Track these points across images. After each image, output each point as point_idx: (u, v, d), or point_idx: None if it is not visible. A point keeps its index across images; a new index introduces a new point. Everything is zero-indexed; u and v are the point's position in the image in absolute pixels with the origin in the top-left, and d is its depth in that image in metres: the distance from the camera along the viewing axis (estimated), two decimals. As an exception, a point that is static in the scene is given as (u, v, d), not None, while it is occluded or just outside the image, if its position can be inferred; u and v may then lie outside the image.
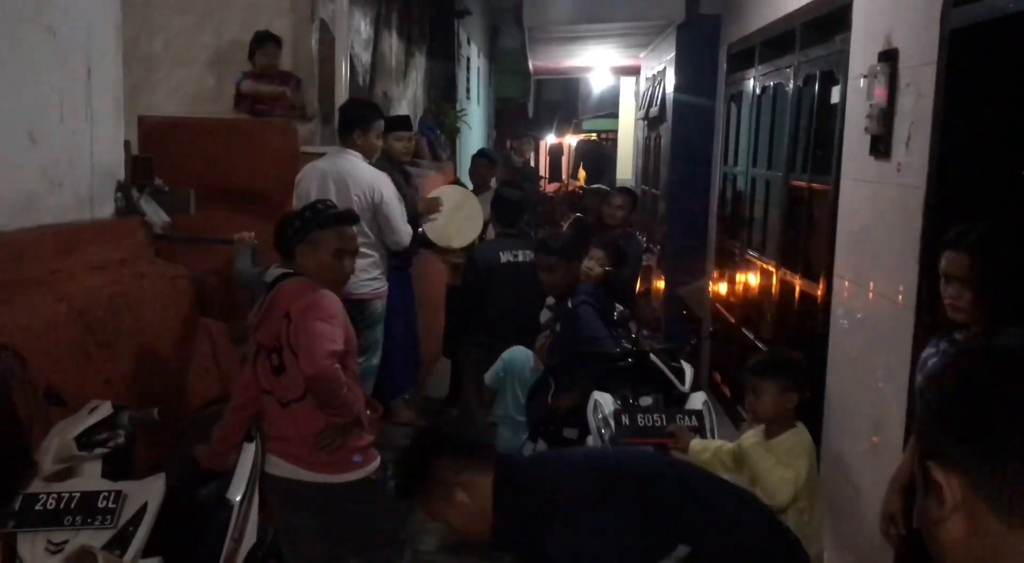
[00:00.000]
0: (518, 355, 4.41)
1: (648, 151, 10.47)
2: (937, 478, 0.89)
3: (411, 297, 5.57)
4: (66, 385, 3.12)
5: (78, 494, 2.41)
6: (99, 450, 2.54)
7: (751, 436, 3.17)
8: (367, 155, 4.79)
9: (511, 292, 4.82)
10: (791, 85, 4.82)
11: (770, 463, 3.03)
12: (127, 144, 4.30)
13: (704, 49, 7.15)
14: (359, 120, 4.80)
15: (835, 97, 4.12)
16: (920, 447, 0.94)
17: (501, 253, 4.99)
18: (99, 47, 3.93)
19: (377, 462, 3.29)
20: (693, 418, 3.47)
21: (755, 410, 3.12)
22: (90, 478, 2.53)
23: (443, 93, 11.50)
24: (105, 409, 2.64)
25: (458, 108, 11.60)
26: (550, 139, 24.27)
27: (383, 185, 4.63)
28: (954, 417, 0.90)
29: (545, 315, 4.51)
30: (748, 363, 3.25)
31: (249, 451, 3.28)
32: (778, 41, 5.16)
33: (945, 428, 0.90)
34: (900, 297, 3.21)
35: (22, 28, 3.38)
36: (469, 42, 13.42)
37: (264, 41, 5.76)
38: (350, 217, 3.31)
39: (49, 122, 3.57)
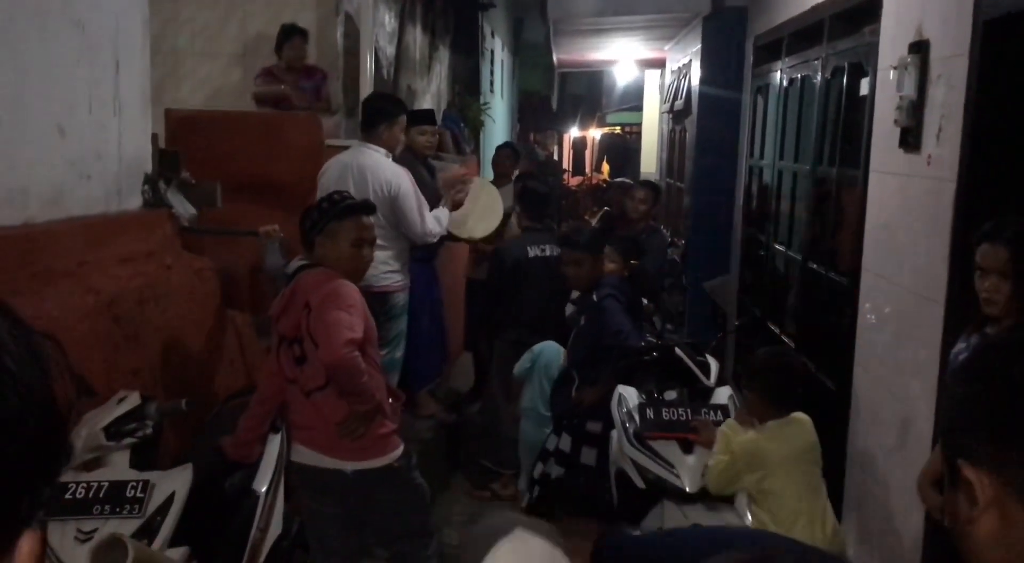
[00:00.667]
0: (548, 349, 4.41)
1: (673, 144, 10.41)
2: (968, 477, 0.86)
3: (437, 289, 5.57)
4: (94, 376, 3.15)
5: (107, 483, 2.43)
6: (127, 440, 2.56)
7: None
8: (390, 149, 4.80)
9: (539, 287, 4.82)
10: (819, 77, 4.77)
11: (719, 447, 3.24)
12: (154, 137, 4.33)
13: (730, 41, 7.09)
14: (383, 114, 4.81)
15: (864, 89, 4.08)
16: (948, 444, 0.91)
17: (529, 248, 4.99)
18: (127, 40, 3.96)
19: (400, 450, 3.30)
20: (719, 413, 3.45)
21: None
22: (118, 468, 2.56)
23: (467, 86, 11.50)
24: (133, 399, 2.66)
25: (482, 101, 11.60)
26: (573, 132, 24.20)
27: (401, 179, 4.64)
28: (985, 413, 0.87)
29: (570, 309, 4.50)
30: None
31: (275, 442, 3.31)
32: (806, 33, 5.11)
33: (976, 425, 0.87)
34: (930, 291, 3.17)
35: (51, 22, 3.40)
36: (493, 35, 13.41)
37: (291, 34, 5.78)
38: (367, 207, 3.34)
39: (78, 115, 3.60)
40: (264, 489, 3.10)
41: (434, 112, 6.66)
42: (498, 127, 13.86)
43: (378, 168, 4.66)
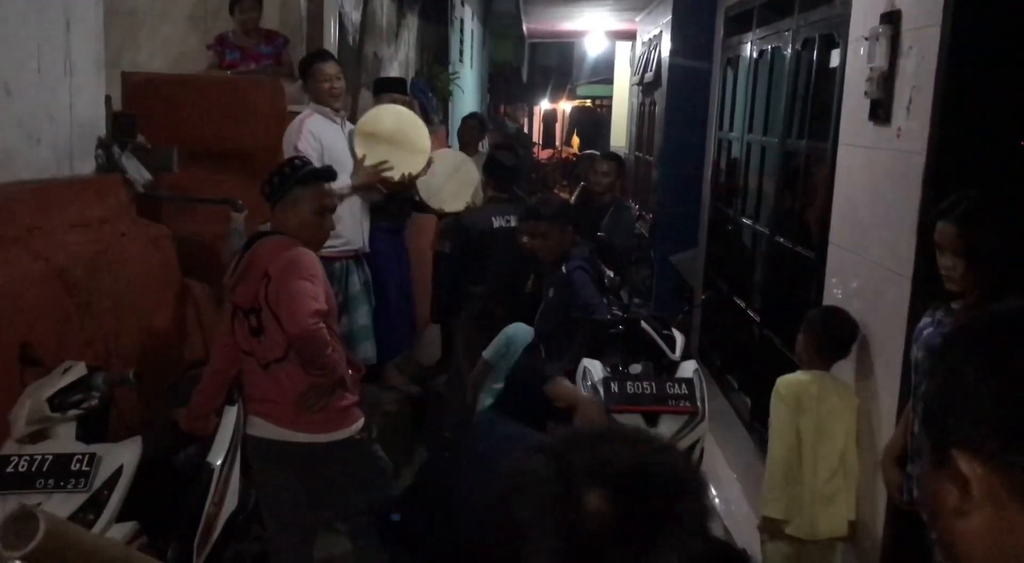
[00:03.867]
0: (520, 332, 4.33)
1: (643, 117, 10.35)
2: (962, 468, 0.78)
3: (406, 261, 5.49)
4: (44, 346, 3.05)
5: (51, 457, 2.35)
6: (73, 412, 2.48)
7: None
8: (316, 100, 4.79)
9: (505, 258, 4.73)
10: (789, 49, 4.72)
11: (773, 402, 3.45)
12: (108, 100, 4.19)
13: (701, 12, 7.02)
14: (301, 67, 4.87)
15: (834, 61, 4.03)
16: (937, 427, 0.83)
17: (494, 218, 4.90)
18: (78, -1, 3.81)
19: (361, 422, 3.24)
20: (683, 386, 3.42)
21: None
22: (64, 440, 2.47)
23: (436, 56, 11.33)
24: (79, 370, 2.57)
25: (451, 71, 11.44)
26: (544, 105, 24.05)
27: (294, 137, 4.59)
28: (994, 405, 0.78)
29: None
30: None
31: (231, 414, 3.23)
32: (777, 3, 5.05)
33: (980, 415, 0.79)
34: (897, 266, 3.15)
35: (-4, -24, 3.26)
36: (463, 4, 13.21)
37: None
38: (329, 173, 3.25)
39: (26, 75, 3.46)
40: (219, 462, 3.03)
41: (405, 81, 6.53)
42: (467, 97, 13.70)
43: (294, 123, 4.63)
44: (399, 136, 4.92)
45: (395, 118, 5.02)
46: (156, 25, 6.08)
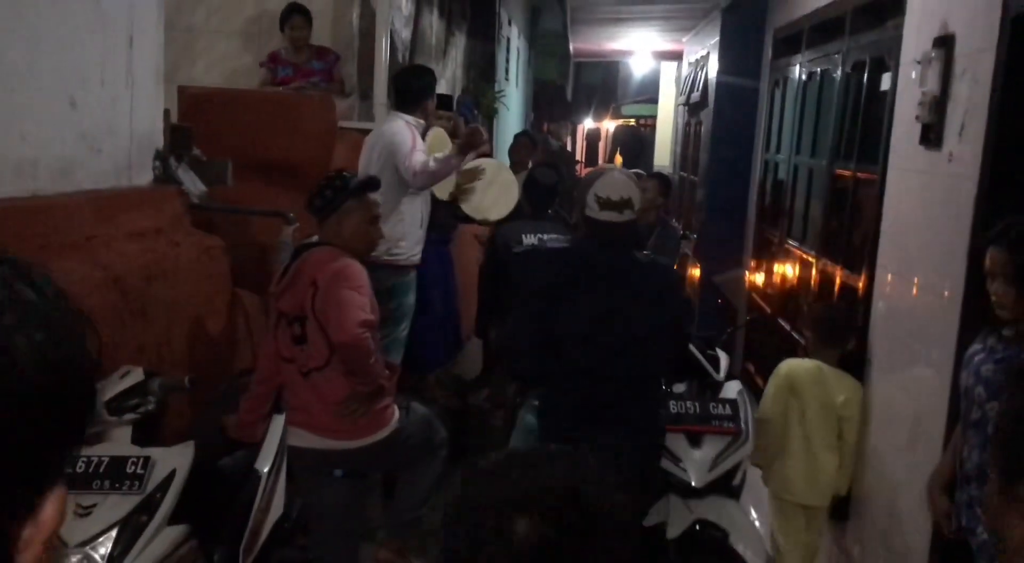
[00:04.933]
0: None
1: (688, 137, 10.34)
2: None
3: (452, 273, 5.53)
4: (102, 351, 3.13)
5: (107, 458, 2.41)
6: (129, 415, 2.54)
7: None
8: (425, 119, 4.82)
9: None
10: (839, 71, 4.71)
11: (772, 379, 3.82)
12: (166, 113, 4.30)
13: (749, 33, 7.02)
14: (428, 89, 4.86)
15: (885, 84, 4.01)
16: (1011, 460, 0.82)
17: (524, 235, 4.91)
18: (141, 14, 3.93)
19: (397, 416, 3.29)
20: (727, 406, 3.41)
21: None
22: (120, 443, 2.54)
23: (482, 73, 11.42)
24: (136, 375, 2.64)
25: (496, 89, 11.52)
26: (588, 123, 24.08)
27: (402, 129, 4.61)
28: None
29: None
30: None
31: (278, 422, 3.28)
32: (827, 26, 5.04)
33: None
34: (946, 292, 3.12)
35: (65, -7, 3.37)
36: (510, 23, 13.32)
37: (290, 14, 5.75)
38: (374, 183, 3.35)
39: (90, 88, 3.57)
40: (266, 470, 3.08)
41: (451, 98, 6.61)
42: (512, 115, 13.78)
43: (394, 131, 4.64)
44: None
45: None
46: (212, 41, 6.22)
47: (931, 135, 3.29)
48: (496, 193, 5.33)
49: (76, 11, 3.44)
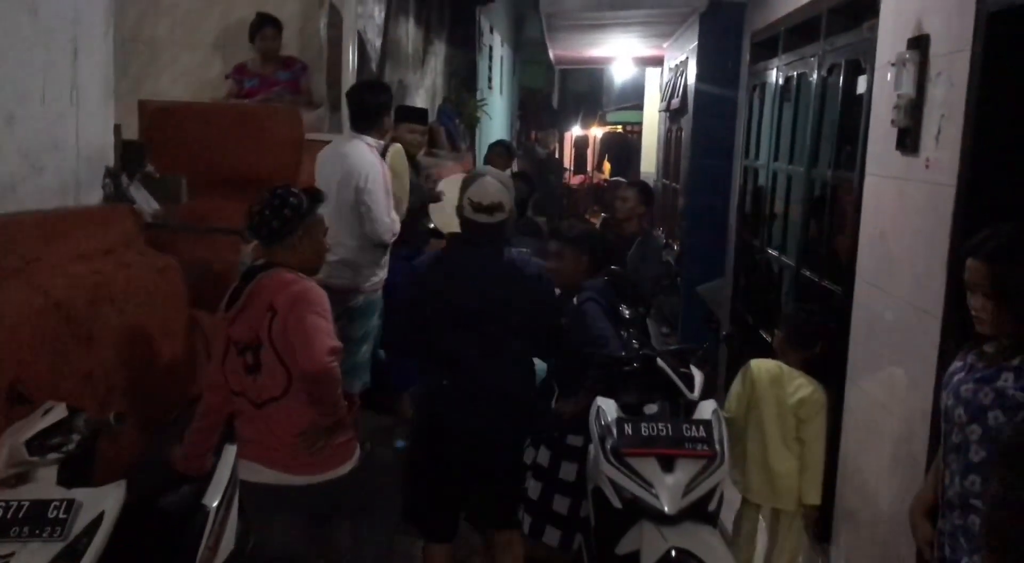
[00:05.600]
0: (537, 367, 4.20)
1: (669, 144, 10.22)
2: None
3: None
4: (39, 381, 2.95)
5: (27, 503, 2.24)
6: (52, 455, 2.37)
7: None
8: (382, 138, 4.73)
9: None
10: (815, 75, 4.57)
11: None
12: (118, 128, 4.14)
13: (728, 38, 6.89)
14: (382, 106, 4.74)
15: (861, 87, 3.88)
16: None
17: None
18: (87, 26, 3.76)
19: (358, 453, 3.15)
20: (701, 428, 3.25)
21: None
22: (44, 485, 2.36)
23: (464, 82, 11.29)
24: (60, 411, 2.47)
25: (478, 98, 11.40)
26: (575, 131, 24.00)
27: (375, 169, 4.49)
28: None
29: None
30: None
31: (230, 453, 3.12)
32: (803, 28, 4.91)
33: None
34: (926, 303, 2.98)
35: (1, 6, 3.22)
36: (492, 31, 13.21)
37: (262, 25, 5.62)
38: (322, 197, 3.20)
39: (30, 104, 3.41)
40: (215, 504, 2.91)
41: (427, 111, 6.48)
42: (496, 124, 13.66)
43: (359, 156, 4.51)
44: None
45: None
46: (176, 53, 6.07)
47: (907, 140, 3.16)
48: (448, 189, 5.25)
49: (13, 25, 3.28)
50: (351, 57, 5.97)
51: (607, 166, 21.48)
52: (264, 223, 3.04)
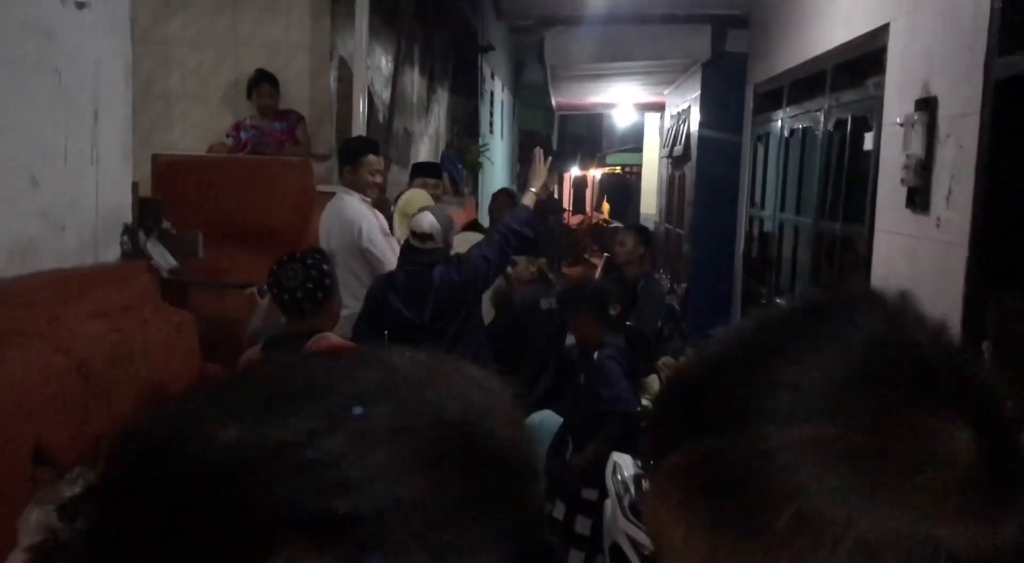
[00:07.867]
0: (547, 422, 4.22)
1: (672, 189, 10.30)
2: None
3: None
4: (59, 441, 2.98)
5: (56, 571, 2.25)
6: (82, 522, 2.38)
7: None
8: (357, 189, 4.65)
9: (527, 339, 4.68)
10: (821, 128, 4.65)
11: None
12: (135, 186, 4.19)
13: (730, 88, 7.00)
14: (344, 154, 4.78)
15: (868, 144, 3.95)
16: None
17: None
18: (107, 88, 3.83)
19: None
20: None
21: None
22: (72, 551, 2.37)
23: (466, 128, 11.42)
24: (89, 476, 2.48)
25: (481, 143, 11.51)
26: (574, 172, 24.17)
27: (362, 219, 4.51)
28: None
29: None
30: None
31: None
32: (808, 82, 5.00)
33: None
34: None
35: (24, 70, 3.27)
36: (493, 77, 13.36)
37: (258, 81, 5.72)
38: (329, 256, 3.26)
39: (52, 166, 3.46)
40: None
41: (439, 165, 6.58)
42: (497, 168, 13.77)
43: (345, 212, 4.54)
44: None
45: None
46: (188, 107, 6.15)
47: (917, 199, 3.21)
48: (461, 244, 5.29)
49: (37, 91, 3.34)
50: (362, 109, 6.05)
51: (606, 206, 21.63)
52: (308, 296, 3.01)
